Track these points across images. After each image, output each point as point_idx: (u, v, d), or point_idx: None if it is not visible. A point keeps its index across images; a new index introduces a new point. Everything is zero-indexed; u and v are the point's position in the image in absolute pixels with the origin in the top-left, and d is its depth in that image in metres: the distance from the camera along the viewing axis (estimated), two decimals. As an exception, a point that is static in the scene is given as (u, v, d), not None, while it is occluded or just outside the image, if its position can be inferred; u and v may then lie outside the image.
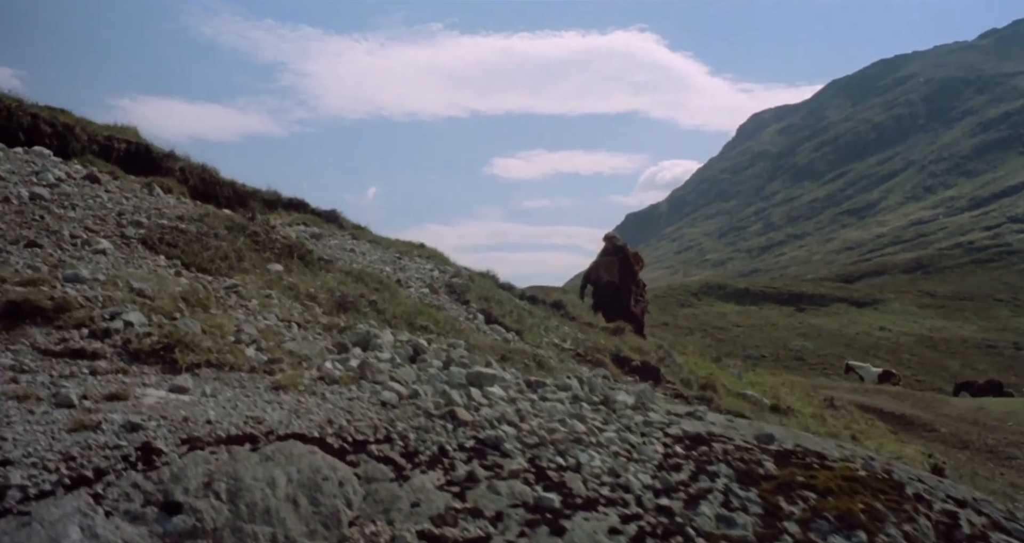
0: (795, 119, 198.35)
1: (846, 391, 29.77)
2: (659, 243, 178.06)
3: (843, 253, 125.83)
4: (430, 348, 4.99)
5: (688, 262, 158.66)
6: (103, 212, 6.76)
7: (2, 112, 9.71)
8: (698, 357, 18.00)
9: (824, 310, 65.91)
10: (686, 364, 14.21)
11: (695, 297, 71.03)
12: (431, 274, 9.93)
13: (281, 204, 13.85)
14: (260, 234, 7.54)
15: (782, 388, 18.70)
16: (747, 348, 52.33)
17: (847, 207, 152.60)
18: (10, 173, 7.43)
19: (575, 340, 10.22)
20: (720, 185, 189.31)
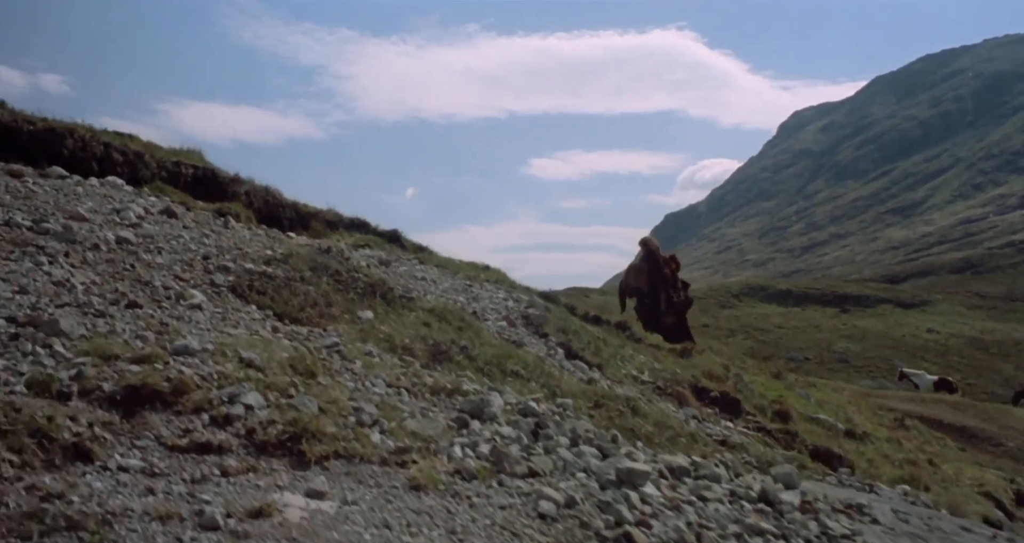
0: (838, 116, 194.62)
1: (902, 400, 28.90)
2: (699, 243, 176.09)
3: (888, 253, 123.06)
4: (549, 421, 4.72)
5: (728, 262, 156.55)
6: (188, 255, 6.63)
7: (77, 143, 9.70)
8: (762, 374, 17.52)
9: (869, 311, 64.37)
10: (753, 384, 13.79)
11: (736, 298, 69.89)
12: (505, 304, 9.68)
13: (343, 224, 13.74)
14: (342, 273, 7.37)
15: (849, 407, 18.13)
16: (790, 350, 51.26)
17: (892, 206, 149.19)
18: (93, 212, 7.34)
19: (652, 371, 9.90)
20: (761, 184, 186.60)
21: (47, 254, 5.61)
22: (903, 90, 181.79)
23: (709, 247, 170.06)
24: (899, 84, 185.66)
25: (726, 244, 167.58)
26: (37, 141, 9.39)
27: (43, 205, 7.10)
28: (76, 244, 6.13)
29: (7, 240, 5.79)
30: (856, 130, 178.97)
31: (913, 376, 37.13)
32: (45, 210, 6.89)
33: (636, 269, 15.83)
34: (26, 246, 5.69)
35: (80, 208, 7.36)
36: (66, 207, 7.24)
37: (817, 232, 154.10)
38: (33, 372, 3.47)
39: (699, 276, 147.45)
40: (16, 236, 5.91)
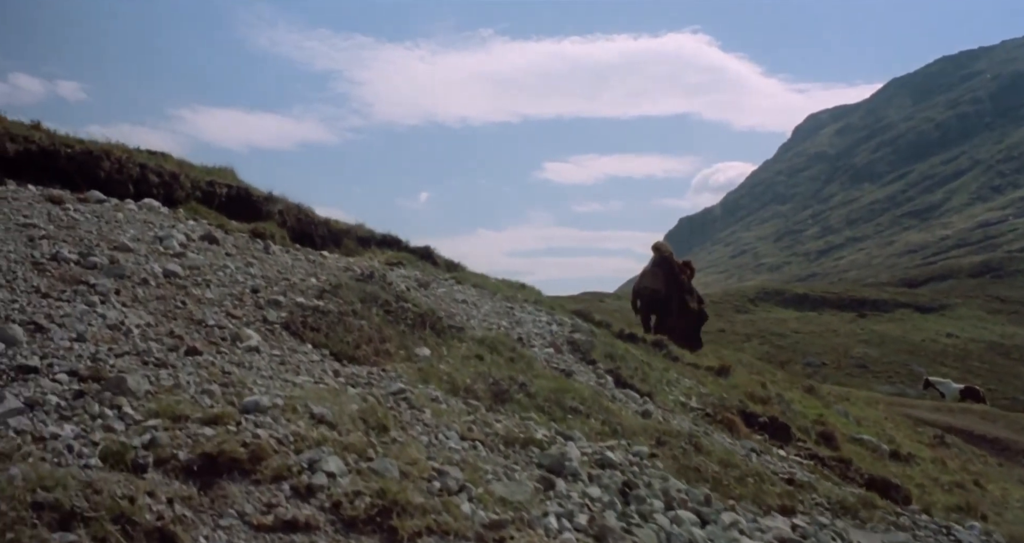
0: (853, 119, 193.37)
1: (929, 410, 28.39)
2: (713, 247, 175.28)
3: (905, 256, 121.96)
4: (637, 480, 4.48)
5: (743, 266, 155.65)
6: (237, 289, 6.44)
7: (114, 165, 9.56)
8: (793, 388, 17.19)
9: (887, 316, 63.62)
10: (793, 403, 13.48)
11: (752, 303, 69.28)
12: (549, 328, 9.45)
13: (375, 241, 13.57)
14: (391, 304, 7.16)
15: (887, 423, 17.76)
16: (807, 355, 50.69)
17: (909, 209, 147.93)
18: (136, 241, 7.17)
19: (699, 396, 9.63)
20: (775, 188, 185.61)
21: (98, 293, 5.43)
22: (920, 92, 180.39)
23: (724, 251, 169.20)
24: (916, 86, 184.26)
25: (741, 248, 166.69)
26: (75, 164, 9.26)
27: (87, 235, 6.93)
28: (125, 279, 5.94)
29: (56, 277, 5.61)
30: (872, 133, 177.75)
31: (939, 384, 36.49)
32: (90, 241, 6.72)
33: (651, 273, 15.65)
34: (76, 284, 5.51)
35: (123, 237, 7.19)
36: (109, 236, 7.08)
37: (833, 236, 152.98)
38: (107, 441, 3.26)
39: (714, 280, 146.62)
40: (65, 272, 5.74)
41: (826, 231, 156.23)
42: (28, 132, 9.08)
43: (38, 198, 7.97)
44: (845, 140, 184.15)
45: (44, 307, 4.91)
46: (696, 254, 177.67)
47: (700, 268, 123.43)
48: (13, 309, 4.76)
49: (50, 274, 5.62)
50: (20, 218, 6.90)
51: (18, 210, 7.17)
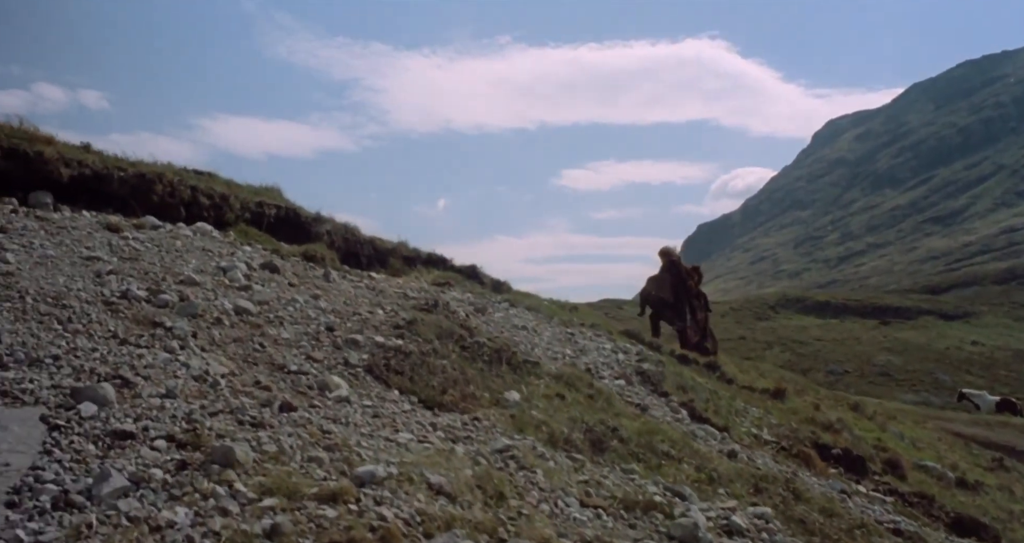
0: (874, 124, 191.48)
1: (965, 423, 27.67)
2: (732, 253, 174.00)
3: (928, 263, 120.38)
4: None
5: (762, 273, 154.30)
6: (311, 327, 6.14)
7: (166, 188, 9.32)
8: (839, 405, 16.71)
9: (910, 323, 62.58)
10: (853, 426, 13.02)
11: (773, 310, 68.43)
12: (616, 357, 9.09)
13: (420, 260, 13.27)
14: (466, 338, 6.84)
15: (941, 445, 17.21)
16: (830, 363, 49.93)
17: (931, 215, 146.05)
18: (200, 273, 6.90)
19: (769, 427, 9.23)
20: (795, 194, 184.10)
21: (176, 336, 5.13)
22: (942, 97, 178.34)
23: (743, 257, 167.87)
24: (938, 91, 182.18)
25: (760, 254, 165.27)
26: (127, 187, 9.02)
27: (151, 268, 6.66)
28: (198, 318, 5.66)
29: (130, 318, 5.32)
30: (893, 138, 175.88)
31: (973, 396, 35.62)
32: (155, 275, 6.45)
33: (659, 279, 15.42)
34: (152, 327, 5.22)
35: (187, 269, 6.92)
36: (173, 269, 6.81)
37: (853, 242, 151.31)
38: (228, 532, 2.94)
39: (733, 287, 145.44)
40: (138, 312, 5.45)
41: (847, 237, 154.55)
42: (81, 155, 8.85)
43: (95, 226, 7.73)
44: (866, 145, 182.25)
45: (125, 356, 4.62)
46: (715, 260, 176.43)
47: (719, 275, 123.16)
48: (96, 360, 4.47)
49: (123, 315, 5.34)
50: (83, 250, 6.65)
51: (79, 240, 6.92)
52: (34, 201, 8.19)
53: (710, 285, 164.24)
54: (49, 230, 7.06)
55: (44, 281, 5.59)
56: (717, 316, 62.29)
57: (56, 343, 4.57)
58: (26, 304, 5.05)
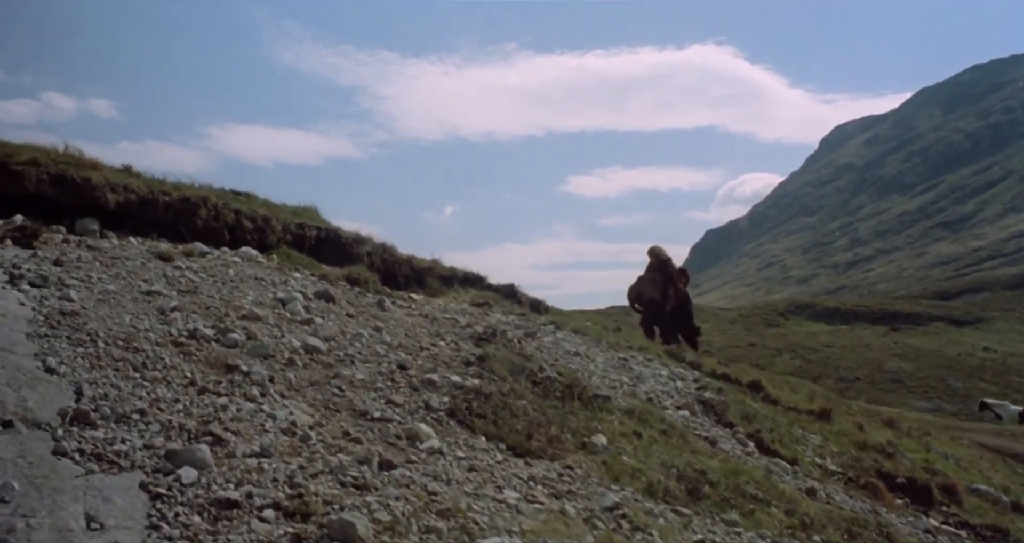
0: (882, 130, 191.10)
1: (989, 434, 27.26)
2: (740, 260, 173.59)
3: (936, 268, 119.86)
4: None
5: (770, 279, 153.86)
6: (384, 365, 5.91)
7: (210, 211, 9.13)
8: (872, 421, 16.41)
9: (921, 329, 62.07)
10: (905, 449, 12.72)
11: (782, 316, 67.95)
12: (674, 385, 8.83)
13: (457, 279, 13.05)
14: (536, 373, 6.61)
15: (982, 463, 16.89)
16: (840, 370, 49.48)
17: (940, 220, 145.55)
18: (260, 306, 6.68)
19: (833, 456, 8.97)
20: (803, 200, 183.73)
21: (254, 381, 4.91)
22: (950, 102, 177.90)
23: (751, 263, 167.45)
24: (946, 95, 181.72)
25: (768, 260, 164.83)
26: (172, 211, 8.82)
27: (210, 301, 6.45)
28: (271, 359, 5.43)
29: (203, 361, 5.10)
30: (901, 143, 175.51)
31: (996, 407, 35.15)
32: (217, 310, 6.23)
33: (648, 279, 15.54)
34: (228, 371, 4.99)
35: (246, 301, 6.71)
36: (233, 302, 6.59)
37: (862, 247, 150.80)
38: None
39: (741, 293, 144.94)
40: (209, 354, 5.23)
41: (855, 243, 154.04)
42: (125, 179, 8.65)
43: (146, 254, 7.53)
44: (873, 151, 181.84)
45: (209, 407, 4.40)
46: (723, 267, 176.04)
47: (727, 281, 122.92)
48: (180, 412, 4.24)
49: (196, 357, 5.12)
50: (141, 283, 6.43)
51: (135, 272, 6.71)
52: (81, 228, 7.99)
53: (718, 291, 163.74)
54: (103, 261, 6.85)
55: (111, 321, 5.37)
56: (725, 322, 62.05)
57: (137, 394, 4.35)
58: (99, 348, 4.83)
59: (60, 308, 5.32)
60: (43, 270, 6.10)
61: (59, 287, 5.78)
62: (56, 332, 4.93)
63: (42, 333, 4.85)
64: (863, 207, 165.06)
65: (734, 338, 55.82)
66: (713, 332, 56.68)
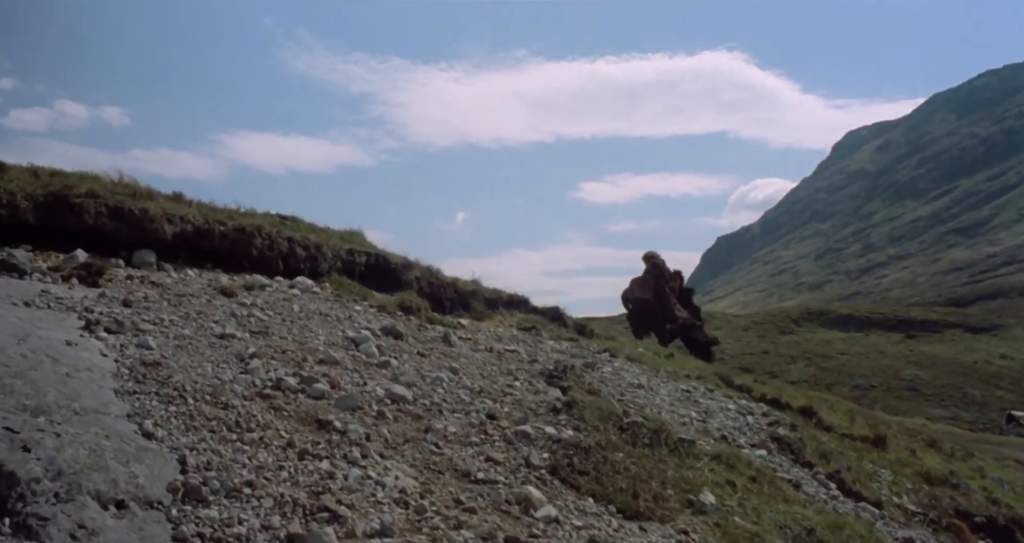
0: (895, 135, 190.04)
1: (1020, 448, 26.79)
2: (752, 266, 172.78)
3: (951, 275, 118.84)
4: None
5: (783, 285, 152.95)
6: (473, 416, 5.66)
7: (264, 241, 8.92)
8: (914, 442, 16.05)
9: (937, 336, 61.39)
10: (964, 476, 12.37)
11: (796, 323, 67.32)
12: (745, 420, 8.55)
13: (502, 302, 12.83)
14: (621, 417, 6.36)
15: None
16: (855, 377, 48.96)
17: (954, 226, 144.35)
18: (333, 347, 6.45)
19: (907, 493, 8.66)
20: (815, 206, 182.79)
21: (352, 441, 4.65)
22: (964, 107, 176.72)
23: (763, 270, 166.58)
24: (959, 101, 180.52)
25: (780, 267, 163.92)
26: (227, 241, 8.61)
27: (284, 344, 6.22)
28: (360, 412, 5.19)
29: (295, 417, 4.86)
30: (914, 149, 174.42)
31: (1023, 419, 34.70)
32: (293, 353, 6.00)
33: (642, 281, 15.94)
34: (324, 430, 4.74)
35: (318, 342, 6.48)
36: (306, 343, 6.36)
37: (875, 253, 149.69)
38: None
39: (753, 299, 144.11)
40: (298, 408, 4.99)
41: (868, 249, 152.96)
42: (179, 208, 8.45)
43: (208, 290, 7.31)
44: (886, 157, 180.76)
45: (314, 474, 4.15)
46: (734, 273, 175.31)
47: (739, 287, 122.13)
48: (287, 482, 3.99)
49: (286, 412, 4.88)
50: (213, 325, 6.21)
51: (204, 312, 6.49)
52: (138, 260, 7.80)
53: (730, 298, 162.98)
54: (169, 300, 6.64)
55: (194, 371, 5.14)
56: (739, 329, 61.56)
57: (239, 460, 4.11)
58: (189, 406, 4.59)
59: (141, 358, 5.10)
60: (115, 312, 5.89)
61: (135, 333, 5.56)
62: (144, 387, 4.70)
63: (130, 389, 4.62)
64: (876, 213, 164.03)
65: (748, 345, 55.35)
66: (727, 339, 56.26)
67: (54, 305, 5.74)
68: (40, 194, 7.32)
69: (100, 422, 4.08)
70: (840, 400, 25.14)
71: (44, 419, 3.88)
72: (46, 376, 4.39)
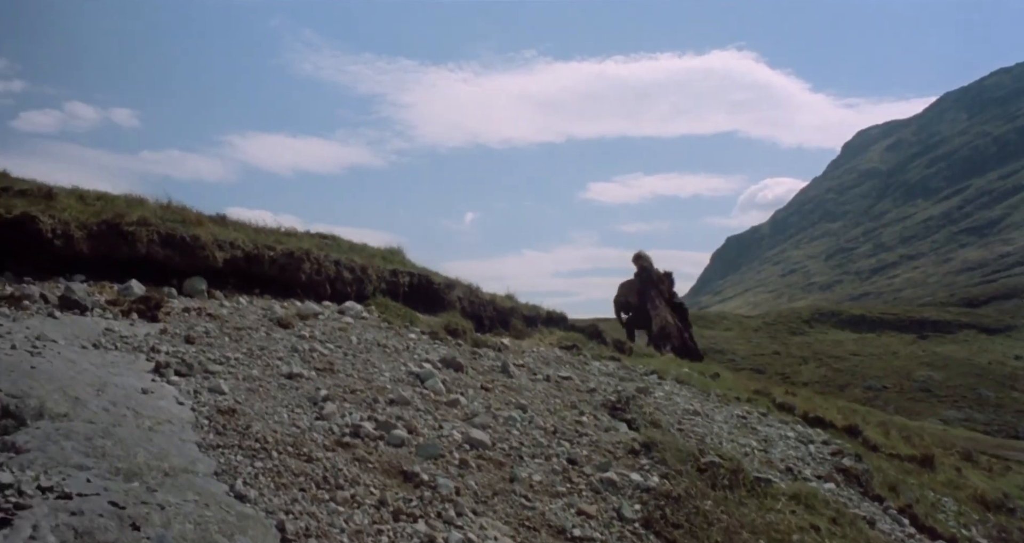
0: (905, 134, 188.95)
1: (1043, 453, 26.44)
2: (762, 266, 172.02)
3: (963, 275, 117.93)
4: None
5: (793, 285, 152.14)
6: (555, 461, 5.47)
7: (313, 265, 8.76)
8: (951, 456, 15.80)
9: (950, 337, 60.84)
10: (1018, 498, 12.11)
11: (807, 324, 66.86)
12: (807, 450, 8.33)
13: (541, 320, 12.68)
14: (697, 457, 6.17)
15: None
16: (867, 379, 48.54)
17: (966, 225, 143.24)
18: (399, 383, 6.28)
19: (976, 526, 8.44)
20: (825, 205, 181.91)
21: (444, 498, 4.46)
22: (975, 105, 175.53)
23: (773, 270, 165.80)
24: (971, 99, 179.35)
25: (791, 267, 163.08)
26: (277, 266, 8.46)
27: (351, 382, 6.05)
28: (442, 460, 5.01)
29: (380, 469, 4.66)
30: (925, 148, 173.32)
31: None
32: (363, 393, 5.82)
33: (628, 283, 16.11)
34: (413, 484, 4.55)
35: (383, 379, 6.31)
36: (373, 381, 6.19)
37: (886, 253, 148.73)
38: None
39: (763, 300, 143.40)
40: (381, 458, 4.81)
41: (879, 249, 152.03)
42: (229, 234, 8.30)
43: (264, 320, 7.16)
44: (897, 156, 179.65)
45: (414, 539, 3.97)
46: (744, 273, 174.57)
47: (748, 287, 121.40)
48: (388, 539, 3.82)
49: (372, 465, 4.70)
50: (278, 362, 6.05)
51: (265, 348, 6.32)
52: (190, 288, 7.65)
53: (740, 298, 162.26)
54: (230, 334, 6.47)
55: (271, 419, 4.97)
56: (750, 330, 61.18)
57: (335, 523, 3.93)
58: (275, 460, 4.42)
59: (216, 404, 4.93)
60: (180, 351, 5.73)
61: (204, 375, 5.40)
62: (226, 440, 4.53)
63: (213, 443, 4.45)
64: (887, 213, 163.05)
65: (759, 346, 54.98)
66: (737, 340, 55.96)
67: (120, 345, 5.58)
68: (93, 223, 7.17)
69: (193, 485, 3.91)
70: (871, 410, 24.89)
71: (140, 485, 3.71)
72: (131, 432, 4.22)
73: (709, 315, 66.81)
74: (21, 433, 3.79)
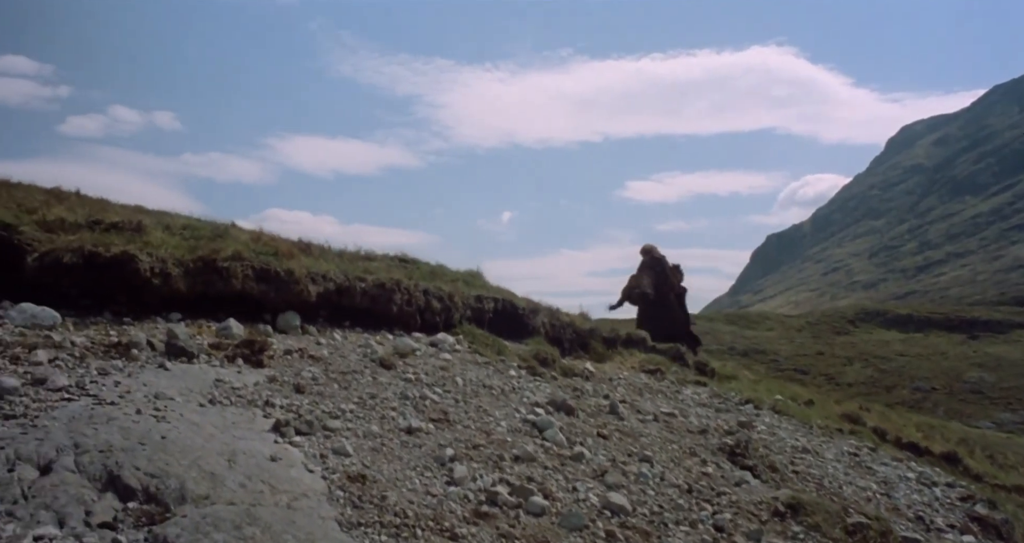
0: (952, 129, 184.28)
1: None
2: (803, 264, 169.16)
3: (1014, 272, 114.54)
4: None
5: (836, 284, 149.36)
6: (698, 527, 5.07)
7: (404, 296, 8.46)
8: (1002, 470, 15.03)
9: (1003, 337, 58.97)
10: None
11: (852, 324, 65.35)
12: (933, 494, 7.77)
13: (620, 342, 12.24)
14: (843, 518, 5.71)
15: None
16: (915, 380, 47.18)
17: (1017, 222, 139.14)
18: (516, 433, 5.93)
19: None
20: (869, 202, 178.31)
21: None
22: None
23: (815, 268, 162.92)
24: (1021, 92, 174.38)
25: (833, 265, 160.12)
26: (368, 298, 8.16)
27: (468, 435, 5.70)
28: (586, 531, 4.63)
29: (498, 528, 4.32)
30: (973, 143, 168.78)
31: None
32: (484, 449, 5.47)
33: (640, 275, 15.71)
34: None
35: (501, 429, 5.97)
36: (491, 434, 5.84)
37: (932, 251, 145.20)
38: None
39: (805, 299, 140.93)
40: (526, 531, 4.44)
41: (924, 246, 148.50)
42: (321, 266, 8.02)
43: (365, 361, 6.86)
44: (944, 151, 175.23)
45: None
46: (784, 272, 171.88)
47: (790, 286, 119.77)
48: None
49: (518, 540, 4.35)
50: (391, 413, 5.73)
51: (376, 396, 6.01)
52: (283, 324, 7.39)
53: (781, 297, 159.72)
54: (336, 379, 6.18)
55: (403, 486, 4.64)
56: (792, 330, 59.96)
57: (502, 622, 3.59)
58: (419, 540, 4.09)
59: (345, 470, 4.62)
60: (293, 404, 5.43)
61: (325, 433, 5.09)
62: (365, 515, 4.21)
63: (353, 520, 4.13)
64: (933, 209, 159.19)
65: (802, 346, 53.86)
66: (780, 340, 54.91)
67: (235, 399, 5.29)
68: (189, 260, 6.93)
69: (347, 578, 3.59)
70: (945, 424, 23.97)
71: (298, 585, 3.40)
72: (273, 513, 3.91)
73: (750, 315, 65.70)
74: (170, 525, 3.50)
